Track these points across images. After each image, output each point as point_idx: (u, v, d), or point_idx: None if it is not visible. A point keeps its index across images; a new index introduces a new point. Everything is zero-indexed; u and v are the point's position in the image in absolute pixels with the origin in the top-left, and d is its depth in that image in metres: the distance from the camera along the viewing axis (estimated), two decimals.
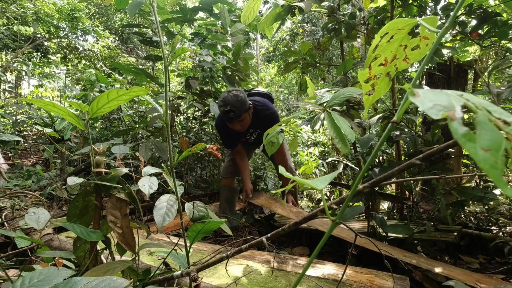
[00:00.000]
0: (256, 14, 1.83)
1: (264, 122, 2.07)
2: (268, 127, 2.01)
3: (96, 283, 0.48)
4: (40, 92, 6.74)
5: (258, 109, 2.06)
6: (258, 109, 2.06)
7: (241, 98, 1.88)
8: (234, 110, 1.85)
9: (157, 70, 5.97)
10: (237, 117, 1.88)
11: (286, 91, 10.84)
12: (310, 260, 0.49)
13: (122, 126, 3.73)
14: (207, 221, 0.76)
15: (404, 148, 2.19)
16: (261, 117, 2.06)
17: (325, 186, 0.47)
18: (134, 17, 7.27)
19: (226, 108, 1.85)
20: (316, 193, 4.37)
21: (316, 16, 9.28)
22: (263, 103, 2.11)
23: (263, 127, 2.09)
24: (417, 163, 0.49)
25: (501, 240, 1.51)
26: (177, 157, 0.77)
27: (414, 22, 0.42)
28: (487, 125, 0.19)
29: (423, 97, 0.23)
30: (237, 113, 1.86)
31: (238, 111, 1.85)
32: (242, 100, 1.87)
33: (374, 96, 0.47)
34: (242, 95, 1.89)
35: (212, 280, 1.05)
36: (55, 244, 1.40)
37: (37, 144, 3.33)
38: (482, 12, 1.80)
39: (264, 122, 2.07)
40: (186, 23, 2.81)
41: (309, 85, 1.67)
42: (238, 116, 1.88)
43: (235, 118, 1.89)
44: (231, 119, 1.91)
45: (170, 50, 0.76)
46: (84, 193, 0.86)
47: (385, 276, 1.04)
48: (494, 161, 0.18)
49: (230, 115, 1.87)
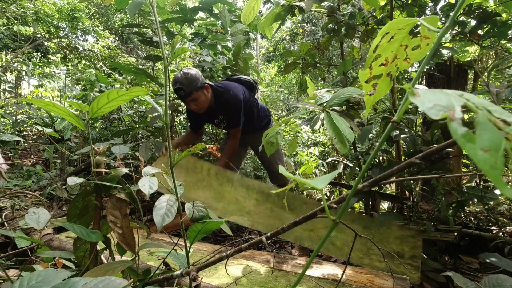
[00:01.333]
0: (256, 13, 1.83)
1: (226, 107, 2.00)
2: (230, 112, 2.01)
3: (95, 283, 0.48)
4: (40, 92, 6.74)
5: (219, 91, 1.99)
6: (219, 91, 2.00)
7: (191, 76, 1.82)
8: (183, 88, 1.79)
9: (157, 70, 5.97)
10: (187, 95, 1.83)
11: (286, 91, 10.84)
12: (310, 260, 0.49)
13: (122, 126, 3.73)
14: (207, 221, 0.76)
15: (404, 148, 2.19)
16: (222, 101, 2.00)
17: (325, 185, 0.47)
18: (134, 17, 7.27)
19: (175, 86, 1.81)
20: (316, 193, 4.36)
21: (316, 16, 9.28)
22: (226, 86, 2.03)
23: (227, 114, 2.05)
24: (416, 162, 0.49)
25: (501, 240, 1.51)
26: (177, 157, 0.77)
27: (414, 22, 0.42)
28: (486, 125, 0.19)
29: (423, 97, 0.23)
30: (186, 90, 1.80)
31: (187, 89, 1.80)
32: (191, 78, 1.81)
33: (375, 96, 0.47)
34: (193, 73, 1.83)
35: (212, 280, 1.05)
36: (55, 244, 1.40)
37: (37, 144, 3.33)
38: (482, 12, 1.80)
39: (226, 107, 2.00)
40: (186, 23, 2.81)
41: (309, 85, 1.67)
42: (189, 94, 1.83)
43: (185, 96, 1.83)
44: (182, 98, 1.86)
45: (170, 50, 0.76)
46: (84, 193, 0.86)
47: (385, 276, 1.04)
48: (493, 162, 0.18)
49: (180, 93, 1.83)
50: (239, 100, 2.01)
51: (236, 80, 2.23)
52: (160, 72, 6.34)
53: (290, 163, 4.17)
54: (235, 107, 2.01)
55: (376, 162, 1.98)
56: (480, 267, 1.52)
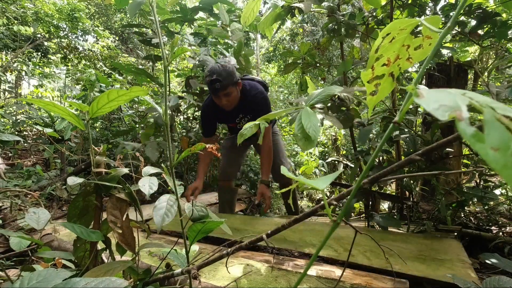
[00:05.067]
0: (255, 15, 1.83)
1: (253, 105, 1.97)
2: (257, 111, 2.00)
3: (95, 284, 0.48)
4: (40, 92, 6.73)
5: (246, 89, 1.96)
6: (247, 89, 1.96)
7: (229, 69, 1.77)
8: (220, 80, 1.74)
9: (157, 70, 5.96)
10: (223, 88, 1.77)
11: (286, 91, 10.84)
12: (311, 260, 0.49)
13: (122, 126, 3.73)
14: (207, 221, 0.76)
15: (404, 148, 2.19)
16: (249, 98, 1.96)
17: (326, 186, 0.46)
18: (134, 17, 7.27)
19: (212, 77, 1.74)
20: (316, 193, 4.37)
21: (316, 16, 9.28)
22: (252, 84, 2.01)
23: (253, 112, 2.02)
24: (416, 159, 0.49)
25: (501, 240, 1.51)
26: (177, 157, 0.77)
27: (415, 22, 0.42)
28: (494, 123, 0.19)
29: (427, 98, 0.23)
30: (223, 83, 1.75)
31: (224, 81, 1.75)
32: (230, 71, 1.77)
33: (377, 96, 0.46)
34: (230, 67, 1.79)
35: (212, 281, 1.05)
36: (55, 244, 1.40)
37: (37, 144, 3.32)
38: (482, 12, 1.80)
39: (253, 105, 1.97)
40: (186, 23, 2.81)
41: (309, 85, 1.66)
42: (225, 88, 1.77)
43: (221, 89, 1.77)
44: (217, 91, 1.79)
45: (170, 50, 0.76)
46: (84, 193, 0.86)
47: (384, 279, 1.04)
48: (505, 160, 0.17)
49: (215, 85, 1.76)
50: (265, 96, 1.99)
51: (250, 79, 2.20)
52: (160, 72, 6.34)
53: (290, 163, 4.18)
54: (265, 104, 1.99)
55: (376, 162, 1.98)
56: (480, 267, 1.52)
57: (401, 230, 1.73)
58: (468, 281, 0.82)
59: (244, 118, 2.10)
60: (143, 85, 3.68)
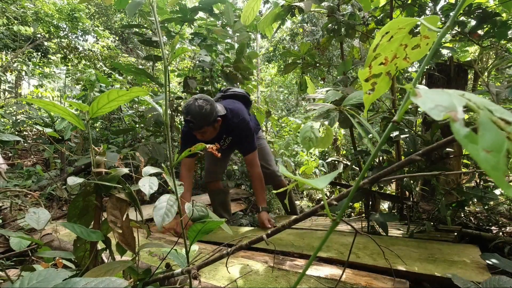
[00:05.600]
0: (256, 14, 1.84)
1: (236, 131, 1.99)
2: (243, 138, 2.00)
3: (95, 284, 0.48)
4: (40, 92, 6.74)
5: (228, 118, 1.96)
6: (228, 117, 1.96)
7: (205, 111, 1.75)
8: (194, 122, 1.75)
9: (157, 70, 5.97)
10: (197, 128, 1.79)
11: (286, 91, 10.85)
12: (310, 260, 0.49)
13: (122, 126, 3.73)
14: (207, 220, 0.76)
15: (404, 148, 2.19)
16: (232, 126, 1.98)
17: (325, 185, 0.46)
18: (134, 17, 7.27)
19: (186, 117, 1.76)
20: (316, 193, 4.37)
21: (316, 16, 9.28)
22: (234, 111, 1.99)
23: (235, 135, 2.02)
24: (417, 159, 0.49)
25: (501, 240, 1.51)
26: (177, 157, 0.77)
27: (414, 21, 0.42)
28: (488, 125, 0.19)
29: (424, 98, 0.23)
30: (196, 125, 1.76)
31: (198, 124, 1.75)
32: (205, 114, 1.75)
33: (374, 95, 0.47)
34: (208, 108, 1.76)
35: (212, 281, 1.05)
36: (55, 244, 1.40)
37: (37, 144, 3.32)
38: (482, 12, 1.80)
39: (236, 131, 1.99)
40: (186, 23, 2.81)
41: (309, 85, 1.67)
42: (199, 128, 1.79)
43: (194, 129, 1.80)
44: (191, 129, 1.82)
45: (170, 50, 0.76)
46: (84, 193, 0.86)
47: (384, 279, 1.04)
48: (496, 162, 0.17)
49: (189, 125, 1.79)
50: (246, 123, 1.99)
51: (232, 95, 2.19)
52: (160, 72, 6.34)
53: (290, 163, 4.17)
54: (248, 132, 1.99)
55: (376, 162, 1.98)
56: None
57: (401, 230, 1.73)
58: (466, 280, 0.82)
59: (227, 138, 2.08)
60: (143, 85, 3.69)
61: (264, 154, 2.37)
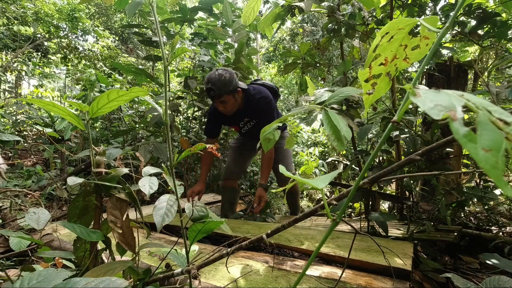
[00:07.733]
0: (256, 14, 1.84)
1: (257, 109, 1.98)
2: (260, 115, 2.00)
3: (95, 284, 0.48)
4: (40, 92, 6.74)
5: (251, 94, 1.98)
6: (251, 93, 1.98)
7: (225, 79, 1.80)
8: (214, 89, 1.79)
9: (157, 70, 5.97)
10: (217, 96, 1.83)
11: (286, 91, 10.84)
12: (310, 260, 0.49)
13: (122, 126, 3.73)
14: (207, 221, 0.76)
15: (404, 148, 2.19)
16: (253, 103, 1.98)
17: (325, 185, 0.47)
18: (134, 17, 7.27)
19: (207, 86, 1.80)
20: (316, 193, 4.37)
21: (316, 16, 9.28)
22: (258, 88, 2.02)
23: (258, 116, 2.03)
24: (416, 159, 0.49)
25: (501, 240, 1.51)
26: (177, 157, 0.77)
27: (414, 22, 0.42)
28: (487, 125, 0.19)
29: (424, 97, 0.23)
30: (216, 92, 1.80)
31: (218, 91, 1.79)
32: (225, 81, 1.79)
33: (374, 95, 0.47)
34: (227, 76, 1.81)
35: (212, 281, 1.05)
36: (55, 244, 1.40)
37: (37, 144, 3.32)
38: (482, 12, 1.80)
39: (257, 109, 1.99)
40: (186, 23, 2.81)
41: (309, 85, 1.67)
42: (219, 96, 1.82)
43: (215, 97, 1.84)
44: (212, 98, 1.86)
45: (170, 50, 0.76)
46: (84, 193, 0.86)
47: (384, 279, 1.04)
48: (494, 161, 0.18)
49: (210, 93, 1.83)
50: (269, 100, 2.00)
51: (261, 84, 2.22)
52: (160, 72, 6.35)
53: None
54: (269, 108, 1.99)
55: (376, 162, 1.98)
56: (480, 267, 1.52)
57: (401, 230, 1.73)
58: (466, 280, 0.82)
59: (249, 122, 2.11)
60: (143, 85, 3.69)
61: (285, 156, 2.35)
